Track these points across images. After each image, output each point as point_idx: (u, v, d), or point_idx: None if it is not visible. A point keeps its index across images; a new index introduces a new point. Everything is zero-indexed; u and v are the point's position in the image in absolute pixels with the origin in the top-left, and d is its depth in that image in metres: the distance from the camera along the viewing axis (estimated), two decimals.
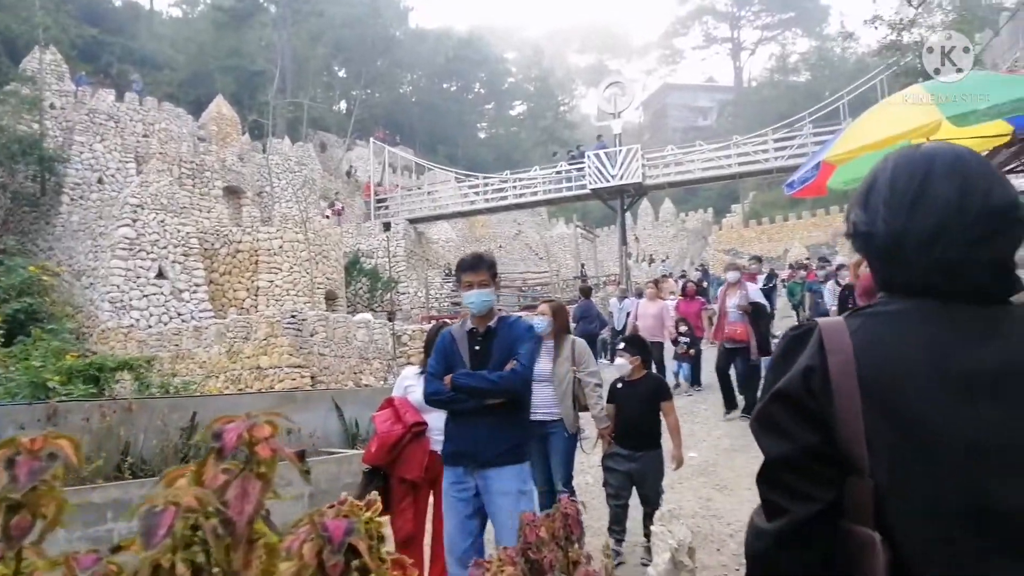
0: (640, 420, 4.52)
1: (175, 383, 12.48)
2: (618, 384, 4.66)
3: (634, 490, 4.58)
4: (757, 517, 1.05)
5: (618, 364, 4.72)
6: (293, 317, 14.23)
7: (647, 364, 4.78)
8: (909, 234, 1.01)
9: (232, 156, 28.15)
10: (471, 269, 3.34)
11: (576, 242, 33.76)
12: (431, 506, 4.05)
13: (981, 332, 0.96)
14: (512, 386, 3.20)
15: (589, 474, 6.15)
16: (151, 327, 18.82)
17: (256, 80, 42.29)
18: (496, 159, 52.06)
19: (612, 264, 33.36)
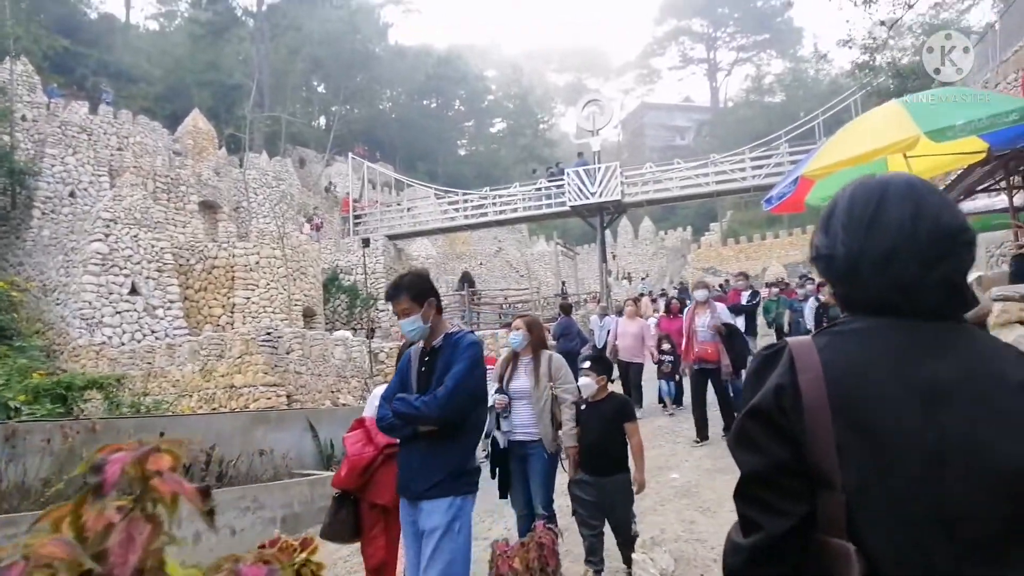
0: (604, 443, 4.30)
1: (147, 402, 12.20)
2: (581, 406, 4.44)
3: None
4: (735, 533, 1.08)
5: (582, 384, 4.43)
6: (269, 334, 13.98)
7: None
8: (865, 256, 1.07)
9: (208, 170, 27.85)
10: (392, 299, 3.17)
11: (557, 259, 33.79)
12: None
13: (938, 347, 1.02)
14: (430, 412, 2.93)
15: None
16: (124, 344, 18.43)
17: (233, 94, 41.98)
18: (476, 176, 52.07)
19: (592, 282, 33.35)
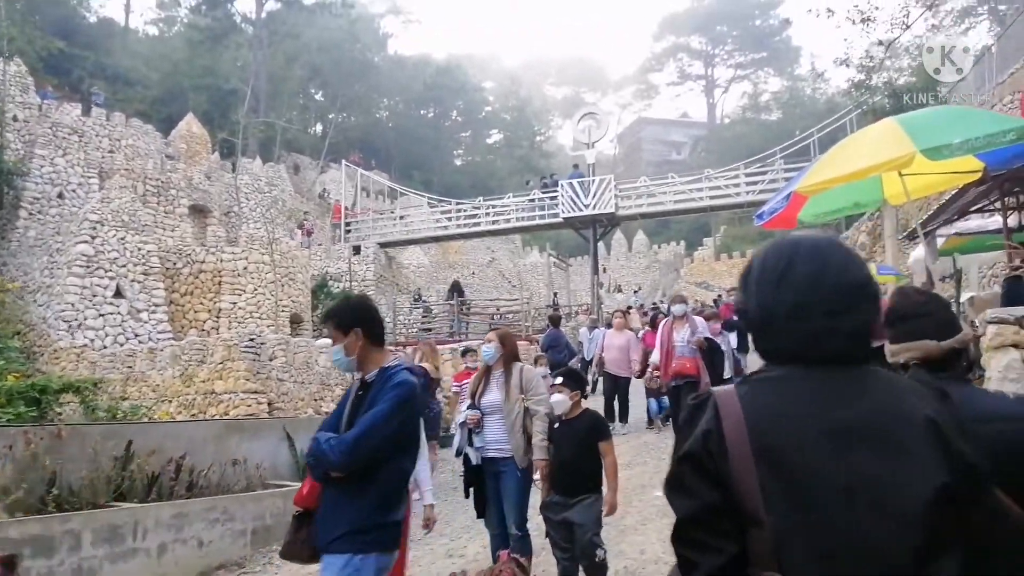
0: (577, 461, 4.10)
1: (124, 407, 11.93)
2: (555, 424, 4.24)
3: None
4: (675, 573, 1.13)
5: (555, 401, 4.17)
6: (251, 340, 13.75)
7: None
8: (777, 308, 1.15)
9: (199, 174, 27.62)
10: (324, 326, 2.97)
11: (549, 271, 33.68)
12: None
13: (848, 391, 1.09)
14: (332, 457, 2.60)
15: None
16: (106, 347, 18.15)
17: (229, 99, 41.84)
18: (472, 186, 51.98)
19: (585, 294, 33.22)
